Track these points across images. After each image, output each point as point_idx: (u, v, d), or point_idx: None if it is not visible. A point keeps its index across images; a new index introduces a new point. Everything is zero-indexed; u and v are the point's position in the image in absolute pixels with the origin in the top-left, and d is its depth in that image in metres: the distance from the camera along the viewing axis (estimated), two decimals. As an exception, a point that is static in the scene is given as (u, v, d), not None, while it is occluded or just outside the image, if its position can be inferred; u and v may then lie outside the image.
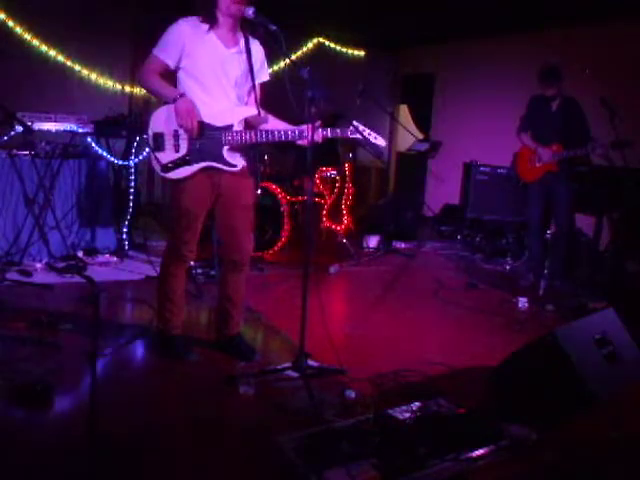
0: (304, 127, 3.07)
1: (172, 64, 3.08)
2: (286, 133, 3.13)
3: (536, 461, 2.51)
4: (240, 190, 3.26)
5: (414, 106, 9.65)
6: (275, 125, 3.24)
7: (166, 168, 3.13)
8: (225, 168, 3.17)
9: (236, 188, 3.24)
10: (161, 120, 3.12)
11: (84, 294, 4.15)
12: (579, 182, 5.72)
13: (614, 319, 3.01)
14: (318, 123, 3.07)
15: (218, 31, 3.09)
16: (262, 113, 3.23)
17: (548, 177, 5.23)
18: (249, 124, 3.24)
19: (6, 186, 4.90)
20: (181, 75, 3.11)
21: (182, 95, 3.03)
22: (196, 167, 3.12)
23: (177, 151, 3.11)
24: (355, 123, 3.16)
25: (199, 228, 3.26)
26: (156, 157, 3.13)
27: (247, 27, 3.15)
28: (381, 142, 3.25)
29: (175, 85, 3.15)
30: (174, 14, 3.10)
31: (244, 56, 3.16)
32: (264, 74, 3.31)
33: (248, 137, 3.13)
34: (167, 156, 3.12)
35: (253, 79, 3.21)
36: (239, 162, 3.20)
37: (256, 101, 3.25)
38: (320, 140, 3.10)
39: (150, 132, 3.14)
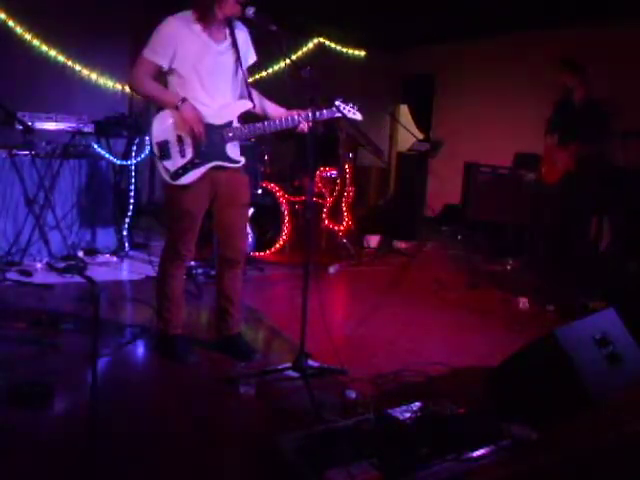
0: (297, 112, 3.13)
1: (166, 65, 3.04)
2: (281, 122, 3.15)
3: (536, 461, 2.51)
4: (238, 188, 3.28)
5: (414, 106, 9.65)
6: (273, 111, 3.27)
7: (176, 175, 3.09)
8: (230, 165, 3.18)
9: (234, 186, 3.25)
10: (163, 128, 3.09)
11: (84, 294, 4.15)
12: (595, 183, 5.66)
13: (615, 319, 3.01)
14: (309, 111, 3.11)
15: (210, 29, 3.07)
16: (257, 106, 3.26)
17: (567, 178, 5.14)
18: (247, 117, 3.25)
19: (6, 186, 4.90)
20: (174, 76, 3.09)
21: (184, 100, 3.02)
22: (204, 169, 3.12)
23: (183, 156, 3.09)
24: (337, 102, 3.20)
25: (198, 228, 3.26)
26: (164, 166, 3.09)
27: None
28: (358, 117, 3.28)
29: (165, 85, 3.14)
30: (174, 13, 3.10)
31: (233, 48, 3.16)
32: (251, 56, 3.30)
33: (247, 131, 3.15)
34: (175, 163, 3.09)
35: (244, 70, 3.21)
36: (241, 157, 3.23)
37: (249, 93, 3.25)
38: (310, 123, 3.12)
39: (153, 142, 3.10)
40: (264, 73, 7.89)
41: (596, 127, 5.04)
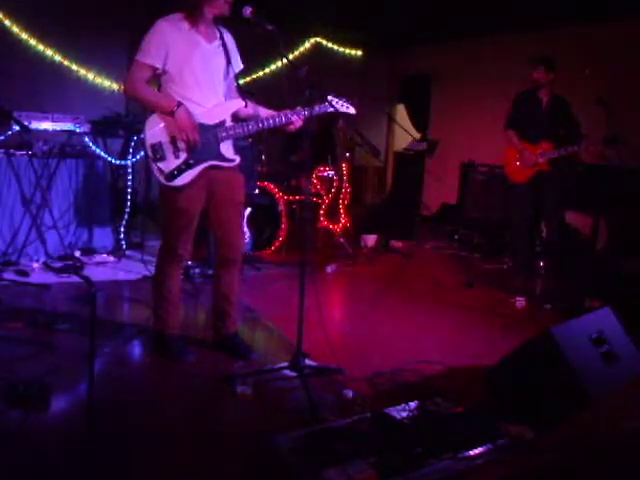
0: (289, 111, 3.14)
1: (160, 66, 3.05)
2: (274, 119, 3.17)
3: (533, 460, 2.51)
4: (233, 188, 3.28)
5: (411, 106, 9.66)
6: (265, 112, 3.28)
7: (171, 176, 3.09)
8: (225, 164, 3.18)
9: (229, 185, 3.25)
10: (156, 130, 3.09)
11: (81, 294, 4.15)
12: (576, 181, 5.70)
13: (611, 318, 3.02)
14: (299, 108, 3.14)
15: (199, 27, 3.09)
16: (248, 104, 3.26)
17: (539, 177, 5.15)
18: (238, 116, 3.26)
19: (3, 186, 4.90)
20: (168, 77, 3.09)
21: (179, 105, 3.02)
22: (199, 169, 3.12)
23: (177, 157, 3.09)
24: (329, 97, 3.23)
25: (194, 227, 3.26)
26: (159, 168, 3.09)
27: (218, 20, 3.17)
28: (352, 110, 3.29)
29: (158, 87, 3.15)
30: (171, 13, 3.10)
31: (222, 49, 3.19)
32: (239, 63, 3.32)
33: (241, 130, 3.16)
34: (169, 164, 3.09)
35: (234, 71, 3.25)
36: (235, 156, 3.23)
37: (240, 92, 3.27)
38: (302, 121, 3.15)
39: (147, 144, 3.10)
40: (261, 73, 7.90)
41: (568, 126, 5.04)
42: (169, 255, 3.29)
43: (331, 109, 3.23)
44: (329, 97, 3.21)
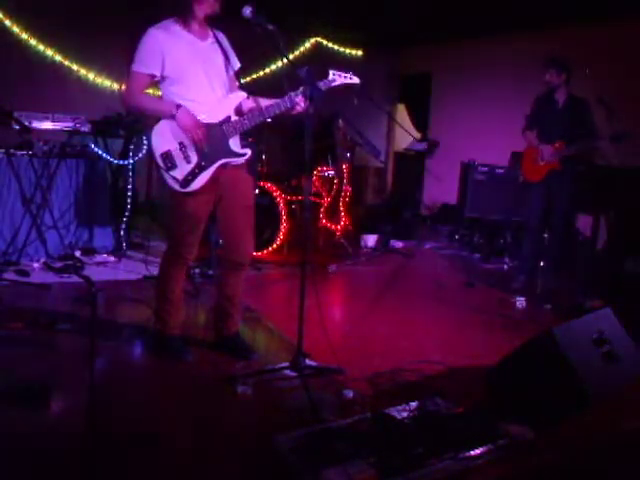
0: (292, 93, 3.09)
1: (158, 72, 3.04)
2: (278, 105, 3.12)
3: (534, 460, 2.51)
4: (242, 190, 3.27)
5: (412, 105, 9.66)
6: (267, 102, 3.24)
7: (186, 182, 3.07)
8: (236, 160, 3.17)
9: (239, 188, 3.24)
10: (163, 138, 3.06)
11: (82, 294, 4.14)
12: (578, 182, 5.70)
13: (611, 318, 3.02)
14: (302, 88, 3.09)
15: (191, 27, 3.10)
16: (251, 98, 3.25)
17: (551, 176, 5.14)
18: (241, 111, 3.24)
19: (3, 186, 4.90)
20: (167, 82, 3.09)
21: (179, 107, 3.01)
22: (212, 169, 3.10)
23: (189, 162, 3.07)
24: (331, 71, 3.20)
25: (201, 231, 3.25)
26: (172, 177, 3.06)
27: (214, 20, 3.17)
28: (356, 80, 3.26)
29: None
30: (171, 13, 3.10)
31: (218, 46, 3.19)
32: (236, 61, 3.32)
33: (247, 122, 3.13)
34: (182, 171, 3.07)
35: (233, 67, 3.25)
36: (245, 150, 3.21)
37: (240, 86, 3.27)
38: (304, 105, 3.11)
39: (156, 155, 3.06)
40: (261, 73, 7.90)
41: (583, 126, 5.05)
42: (174, 258, 3.28)
43: (334, 83, 3.18)
44: (331, 71, 3.18)
